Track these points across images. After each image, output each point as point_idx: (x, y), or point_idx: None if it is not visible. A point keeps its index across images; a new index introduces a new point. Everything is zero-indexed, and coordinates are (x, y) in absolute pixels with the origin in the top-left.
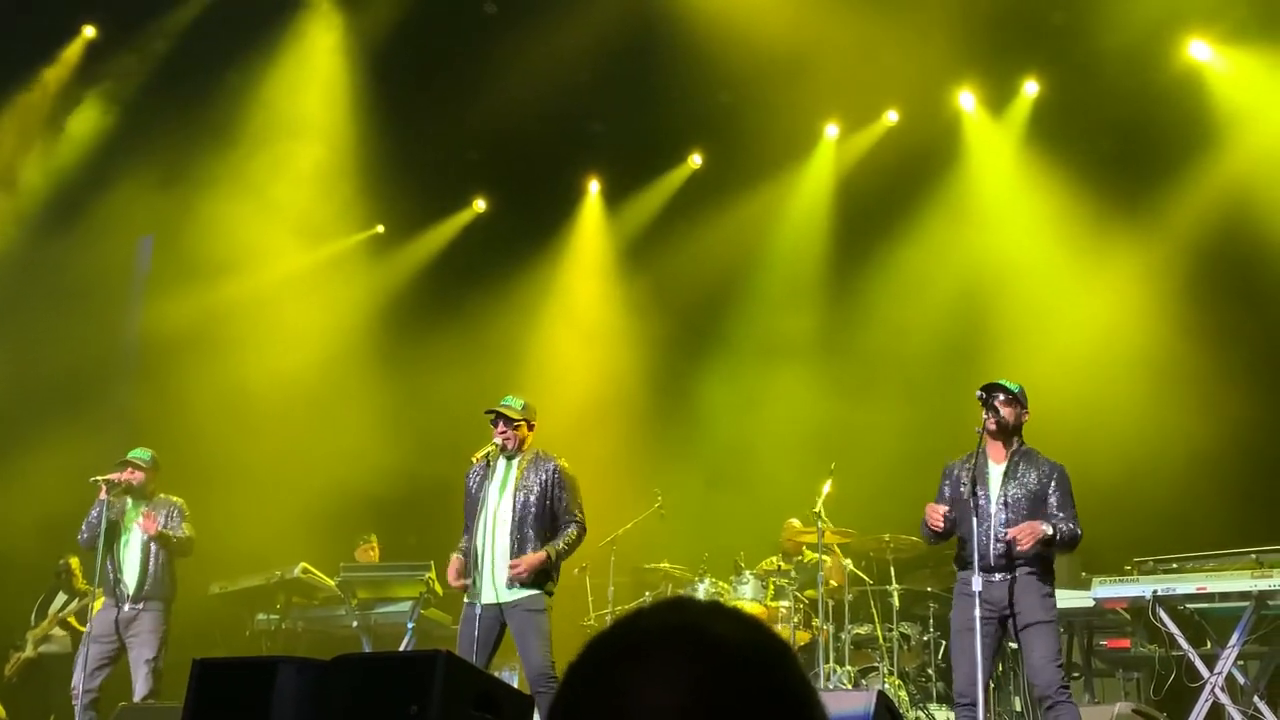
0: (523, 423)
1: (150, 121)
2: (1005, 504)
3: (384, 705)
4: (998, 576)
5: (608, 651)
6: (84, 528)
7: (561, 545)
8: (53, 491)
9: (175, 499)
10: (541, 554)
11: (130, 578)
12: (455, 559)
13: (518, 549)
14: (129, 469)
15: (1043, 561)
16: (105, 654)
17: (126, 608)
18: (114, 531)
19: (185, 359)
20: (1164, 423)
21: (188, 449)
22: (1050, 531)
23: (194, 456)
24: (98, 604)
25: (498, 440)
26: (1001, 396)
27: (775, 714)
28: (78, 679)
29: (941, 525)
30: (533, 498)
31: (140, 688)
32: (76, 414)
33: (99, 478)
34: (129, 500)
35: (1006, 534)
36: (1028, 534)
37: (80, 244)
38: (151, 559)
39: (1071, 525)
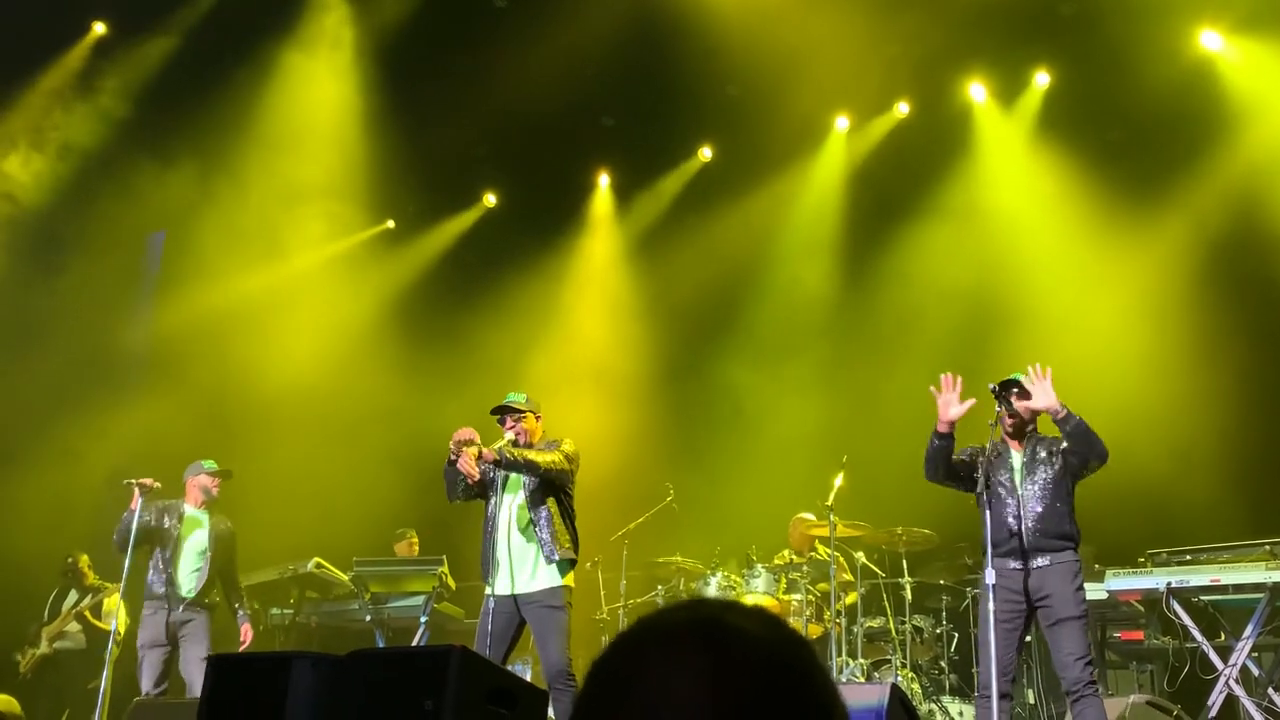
0: (529, 414)
1: (159, 118)
2: (1032, 492)
3: (399, 700)
4: (1028, 564)
5: (629, 647)
6: (117, 530)
7: (524, 457)
8: (63, 489)
9: (229, 521)
10: (488, 451)
11: (186, 582)
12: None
13: (535, 534)
14: (222, 479)
15: (1073, 543)
16: (163, 657)
17: (180, 610)
18: (165, 536)
19: (196, 356)
20: (1177, 414)
21: (199, 445)
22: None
23: (205, 453)
24: (112, 600)
25: (509, 435)
26: (1018, 391)
27: (795, 706)
28: (149, 686)
29: (949, 411)
30: (541, 481)
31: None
32: (87, 412)
33: (132, 481)
34: (185, 507)
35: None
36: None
37: (90, 242)
38: (207, 566)
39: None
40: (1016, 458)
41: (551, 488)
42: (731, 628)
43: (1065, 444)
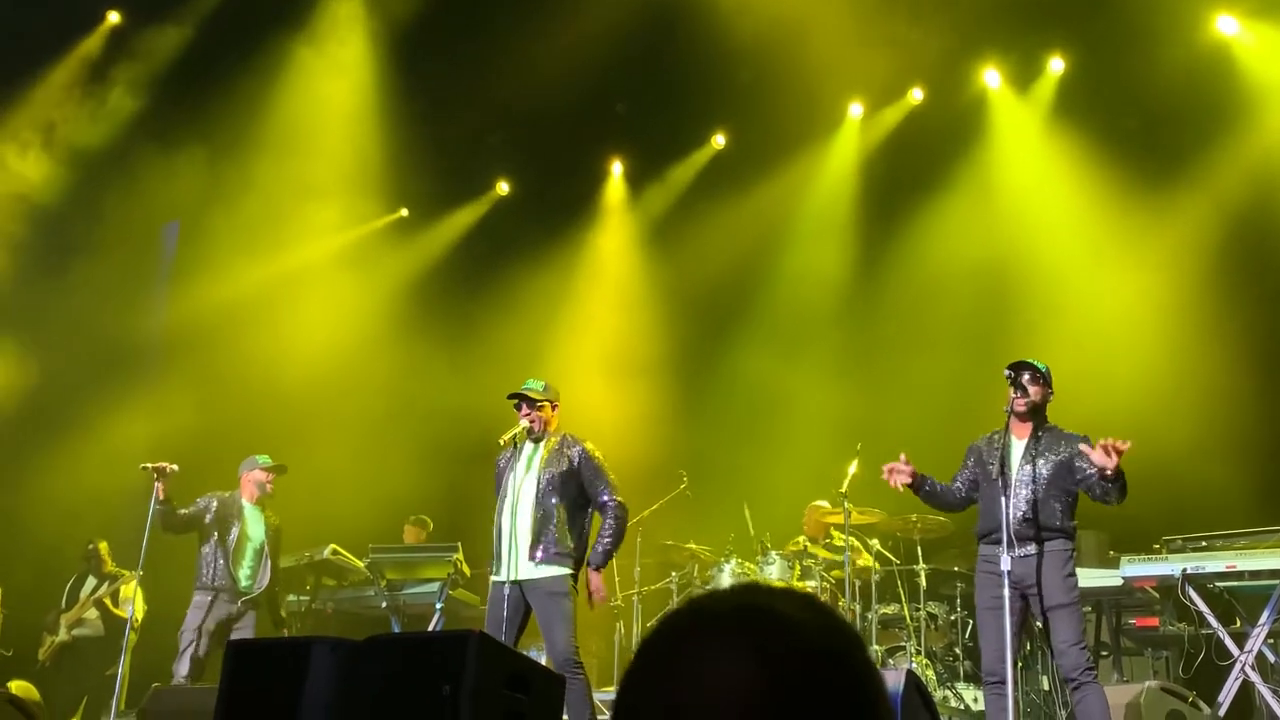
0: (546, 403)
1: (172, 108)
2: (1029, 479)
3: (416, 685)
4: (1020, 552)
5: (678, 630)
6: (162, 524)
7: (609, 540)
8: (80, 476)
9: (278, 518)
10: (597, 576)
11: (245, 578)
12: None
13: (540, 527)
14: (273, 474)
15: (1065, 536)
16: (206, 645)
17: (238, 605)
18: (225, 530)
19: (211, 344)
20: (1193, 398)
21: (215, 434)
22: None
23: (222, 441)
24: (129, 587)
25: (524, 423)
26: (1028, 375)
27: (840, 693)
28: (183, 673)
29: (897, 483)
30: (557, 478)
31: None
32: (103, 400)
33: (149, 465)
34: (243, 502)
35: (1112, 444)
36: (1111, 443)
37: (105, 231)
38: (266, 563)
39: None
40: (1018, 446)
41: (566, 492)
42: (779, 614)
43: (1097, 480)
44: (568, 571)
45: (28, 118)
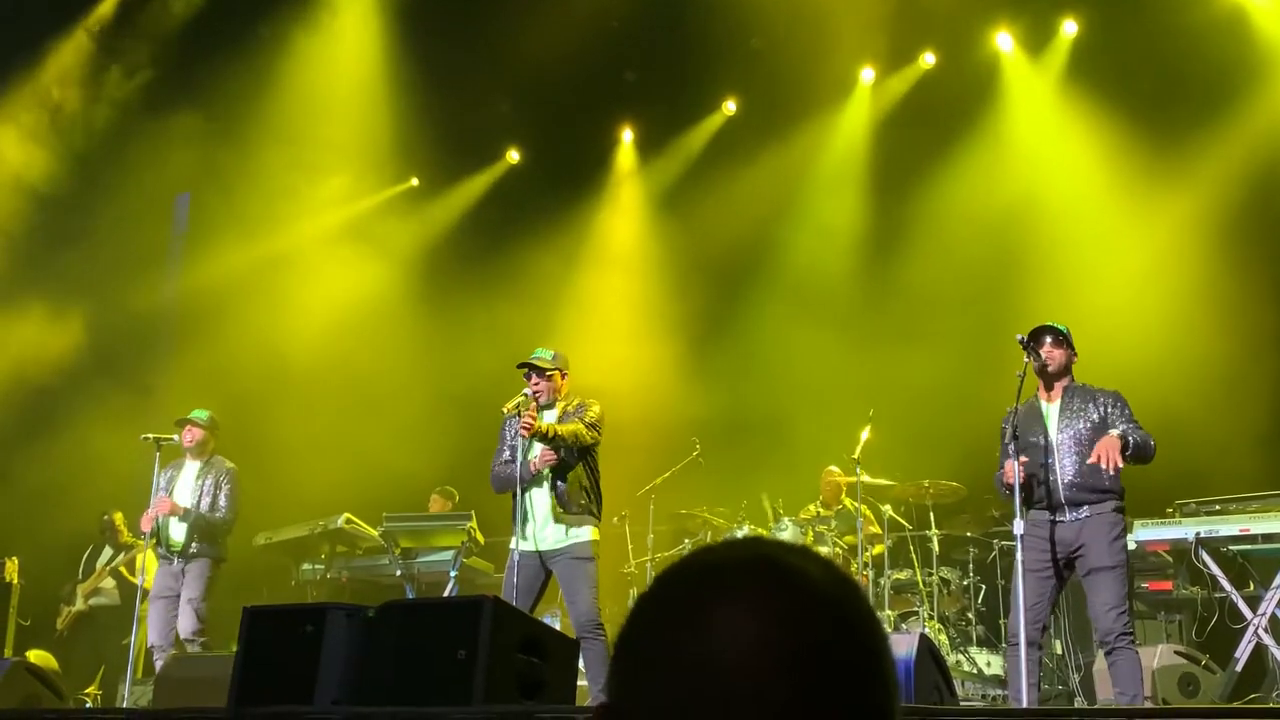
0: (555, 372)
1: (183, 79)
2: (1073, 442)
3: (431, 650)
4: (1068, 516)
5: (686, 581)
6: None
7: (564, 428)
8: (96, 448)
9: (229, 464)
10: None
11: (177, 535)
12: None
13: (553, 495)
14: (187, 427)
15: (1115, 497)
16: (167, 609)
17: (175, 562)
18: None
19: (225, 314)
20: (1206, 363)
21: (230, 404)
22: (1120, 433)
23: (236, 411)
24: (142, 556)
25: (528, 392)
26: (1050, 339)
27: (855, 646)
28: (154, 638)
29: (1021, 478)
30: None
31: (185, 624)
32: (118, 372)
33: (149, 436)
34: (185, 463)
35: (1092, 459)
36: (1106, 450)
37: (117, 204)
38: (191, 517)
39: (1142, 434)
40: (1049, 409)
41: (575, 456)
42: (794, 568)
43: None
44: (589, 536)
45: (33, 97)
